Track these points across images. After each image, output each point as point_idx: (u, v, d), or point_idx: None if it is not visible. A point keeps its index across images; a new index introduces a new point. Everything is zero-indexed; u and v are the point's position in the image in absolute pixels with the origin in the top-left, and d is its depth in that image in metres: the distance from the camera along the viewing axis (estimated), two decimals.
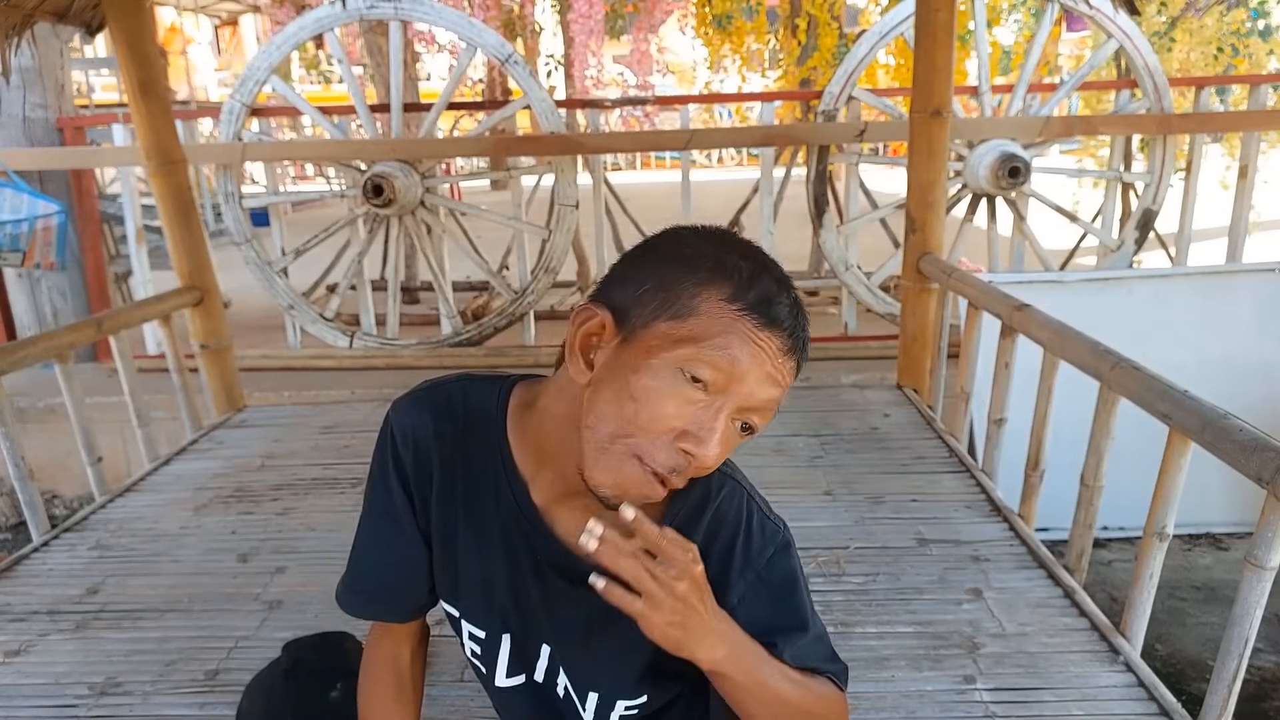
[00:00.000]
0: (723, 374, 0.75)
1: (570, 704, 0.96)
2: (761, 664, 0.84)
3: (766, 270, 0.79)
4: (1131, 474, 2.10)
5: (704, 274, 0.77)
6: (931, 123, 2.84)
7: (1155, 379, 1.60)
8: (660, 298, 0.77)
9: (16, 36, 2.50)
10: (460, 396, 0.92)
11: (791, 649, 0.86)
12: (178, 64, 10.99)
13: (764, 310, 0.76)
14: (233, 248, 4.09)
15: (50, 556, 2.15)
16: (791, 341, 0.78)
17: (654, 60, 9.60)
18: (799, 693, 0.85)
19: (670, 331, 0.76)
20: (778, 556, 0.88)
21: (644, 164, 15.82)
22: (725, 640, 0.80)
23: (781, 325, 0.77)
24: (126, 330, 2.68)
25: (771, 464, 2.55)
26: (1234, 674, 1.35)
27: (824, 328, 4.48)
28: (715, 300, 0.76)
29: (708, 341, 0.75)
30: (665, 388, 0.75)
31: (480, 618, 0.95)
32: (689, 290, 0.77)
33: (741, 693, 0.83)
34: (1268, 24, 7.21)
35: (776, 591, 0.88)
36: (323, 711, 1.21)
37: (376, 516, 0.95)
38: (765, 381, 0.77)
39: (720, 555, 0.86)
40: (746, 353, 0.75)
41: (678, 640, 0.78)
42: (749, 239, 0.85)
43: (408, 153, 3.93)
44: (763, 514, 0.90)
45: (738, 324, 0.75)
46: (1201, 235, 4.45)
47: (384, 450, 0.93)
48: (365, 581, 0.98)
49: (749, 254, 0.81)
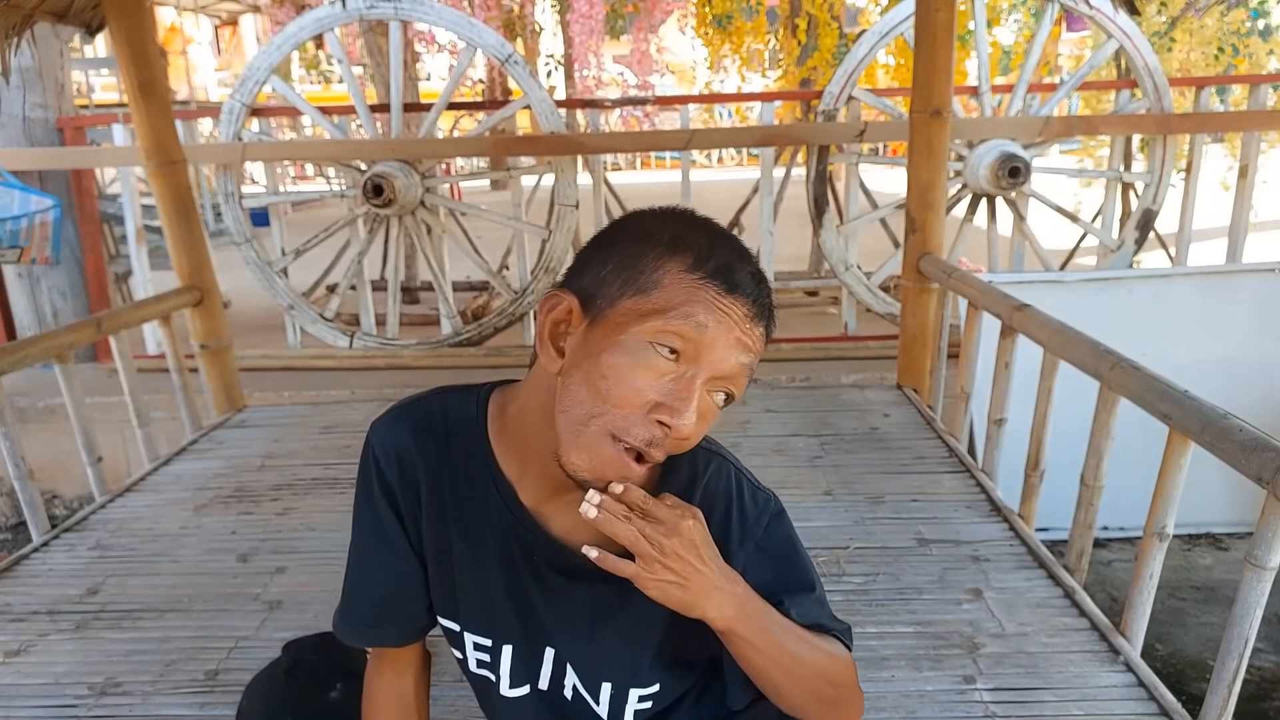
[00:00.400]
0: (691, 342, 0.76)
1: (580, 706, 0.95)
2: (774, 624, 0.85)
3: (724, 242, 0.81)
4: (1131, 474, 2.10)
5: (663, 248, 0.79)
6: (931, 123, 2.84)
7: (1155, 379, 1.60)
8: (623, 276, 0.79)
9: (16, 36, 2.50)
10: (439, 411, 0.92)
11: (799, 608, 0.88)
12: (178, 64, 11.00)
13: (726, 277, 0.77)
14: (233, 248, 4.09)
15: (50, 556, 2.15)
16: (756, 308, 0.79)
17: (654, 60, 9.61)
18: (812, 652, 0.86)
19: (636, 307, 0.77)
20: (773, 524, 0.90)
21: (644, 164, 15.82)
22: (733, 599, 0.82)
23: (744, 291, 0.78)
24: (126, 330, 2.68)
25: (771, 464, 2.55)
26: (1234, 674, 1.35)
27: (824, 328, 4.48)
28: (677, 271, 0.77)
29: (674, 311, 0.76)
30: (636, 362, 0.76)
31: (483, 628, 0.94)
32: (650, 265, 0.78)
33: (755, 653, 0.84)
34: (1268, 24, 7.21)
35: (777, 557, 0.90)
36: (323, 711, 1.21)
37: (366, 539, 0.95)
38: (735, 347, 0.78)
39: (718, 530, 0.87)
40: (713, 319, 0.76)
41: (682, 600, 0.79)
42: (705, 215, 0.86)
43: (408, 153, 3.93)
44: (753, 485, 0.92)
45: (701, 292, 0.77)
46: (1201, 235, 4.44)
47: (368, 472, 0.92)
48: (363, 607, 0.97)
49: (705, 228, 0.83)
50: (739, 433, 2.79)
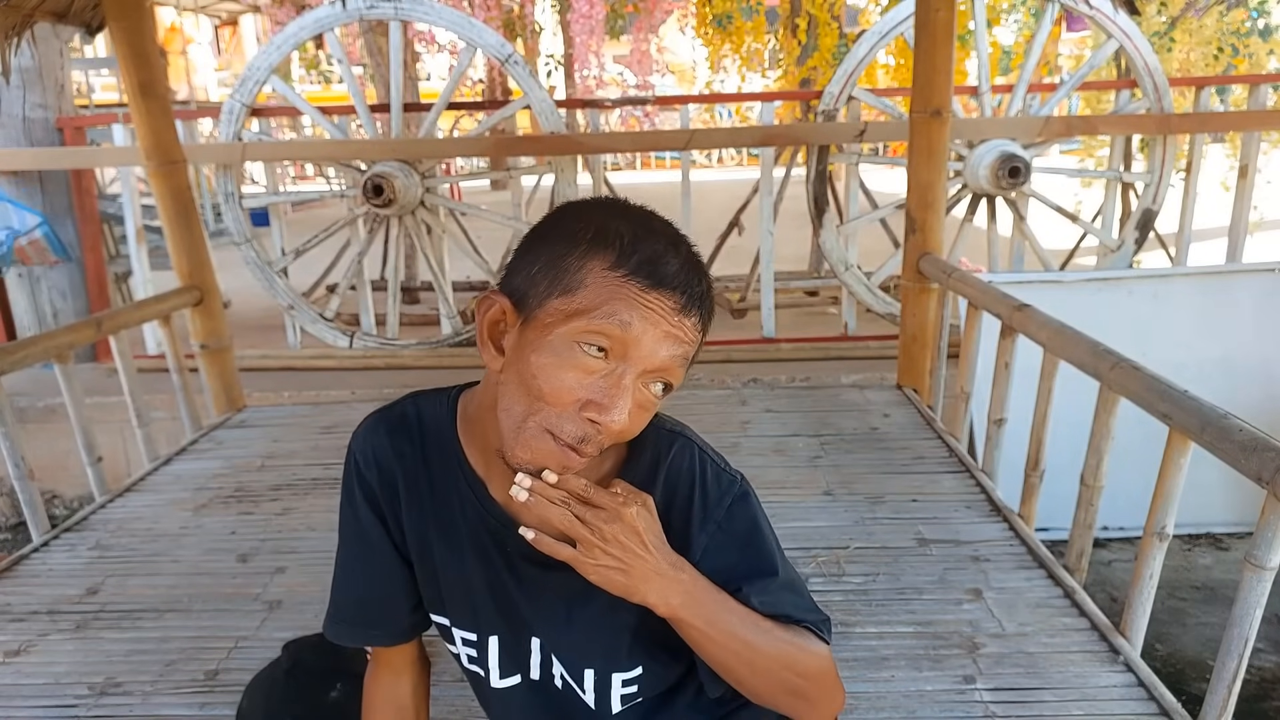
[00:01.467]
0: (617, 340, 0.77)
1: (571, 695, 0.96)
2: (725, 612, 0.85)
3: (652, 233, 0.80)
4: (1131, 474, 2.10)
5: (586, 245, 0.79)
6: (931, 123, 2.84)
7: (1155, 379, 1.60)
8: (550, 275, 0.79)
9: (16, 36, 2.50)
10: (414, 414, 0.94)
11: (761, 595, 0.87)
12: (178, 64, 10.99)
13: (648, 271, 0.77)
14: (233, 248, 4.09)
15: (50, 556, 2.15)
16: (685, 298, 0.79)
17: (654, 60, 9.61)
18: (770, 641, 0.86)
19: (562, 307, 0.78)
20: (736, 505, 0.90)
21: (644, 164, 15.83)
22: (677, 586, 0.82)
23: (670, 284, 0.78)
24: (126, 330, 2.68)
25: (771, 464, 2.55)
26: (1234, 674, 1.35)
27: (824, 328, 4.48)
28: (599, 270, 0.77)
29: (597, 311, 0.76)
30: (564, 361, 0.77)
31: (468, 622, 0.96)
32: (574, 264, 0.78)
33: (707, 642, 0.85)
34: (1267, 24, 7.21)
35: (740, 539, 0.89)
36: (323, 712, 1.21)
37: (350, 542, 0.97)
38: (665, 341, 0.78)
39: (680, 511, 0.88)
40: (637, 315, 0.77)
41: (623, 585, 0.81)
42: (641, 205, 0.86)
43: (408, 153, 3.93)
44: (717, 467, 0.91)
45: (623, 289, 0.77)
46: (1201, 235, 4.45)
47: (349, 477, 0.95)
48: (349, 607, 0.98)
49: (634, 218, 0.82)
50: (739, 433, 2.79)
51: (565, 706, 0.97)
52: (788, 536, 2.09)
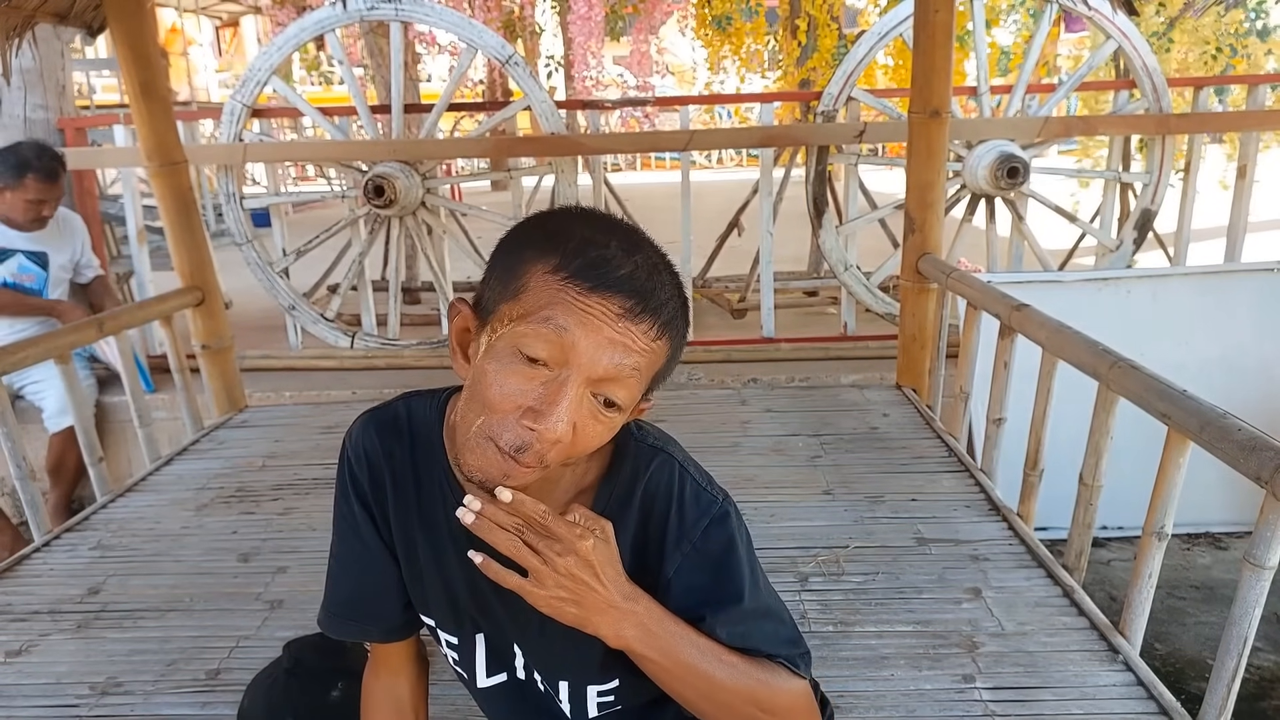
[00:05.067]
0: (554, 345, 0.74)
1: (550, 698, 0.97)
2: (683, 644, 0.82)
3: (607, 236, 0.77)
4: (1131, 473, 2.10)
5: (533, 249, 0.77)
6: (930, 123, 2.84)
7: (1154, 378, 1.60)
8: (502, 281, 0.79)
9: (17, 38, 2.51)
10: (405, 414, 0.94)
11: (727, 625, 0.85)
12: (179, 65, 10.97)
13: (590, 274, 0.74)
14: (234, 248, 4.09)
15: (51, 556, 2.15)
16: (635, 302, 0.75)
17: (654, 61, 9.62)
18: (735, 676, 0.84)
19: (508, 311, 0.77)
20: (713, 527, 0.87)
21: (644, 164, 15.84)
22: (630, 619, 0.80)
23: (615, 287, 0.74)
24: (128, 330, 2.69)
25: (771, 464, 2.55)
26: (1233, 673, 1.35)
27: (824, 328, 4.49)
28: (540, 273, 0.76)
29: (534, 315, 0.74)
30: (505, 367, 0.76)
31: (451, 625, 0.96)
32: (520, 268, 0.77)
33: (663, 673, 0.83)
34: (1265, 24, 7.22)
35: (712, 561, 0.87)
36: (324, 711, 1.22)
37: (344, 537, 0.97)
38: (607, 348, 0.74)
39: (656, 528, 0.87)
40: (574, 320, 0.74)
41: (575, 616, 0.79)
42: (612, 214, 0.84)
43: (409, 153, 3.94)
44: (697, 485, 0.89)
45: (562, 293, 0.74)
46: (1200, 235, 4.45)
47: (342, 473, 0.96)
48: (342, 601, 0.99)
49: (594, 223, 0.79)
50: (739, 433, 2.80)
51: (548, 705, 0.98)
52: (788, 536, 2.09)
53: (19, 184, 3.14)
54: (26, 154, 3.18)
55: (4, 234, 3.23)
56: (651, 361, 0.78)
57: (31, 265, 3.31)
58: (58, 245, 3.40)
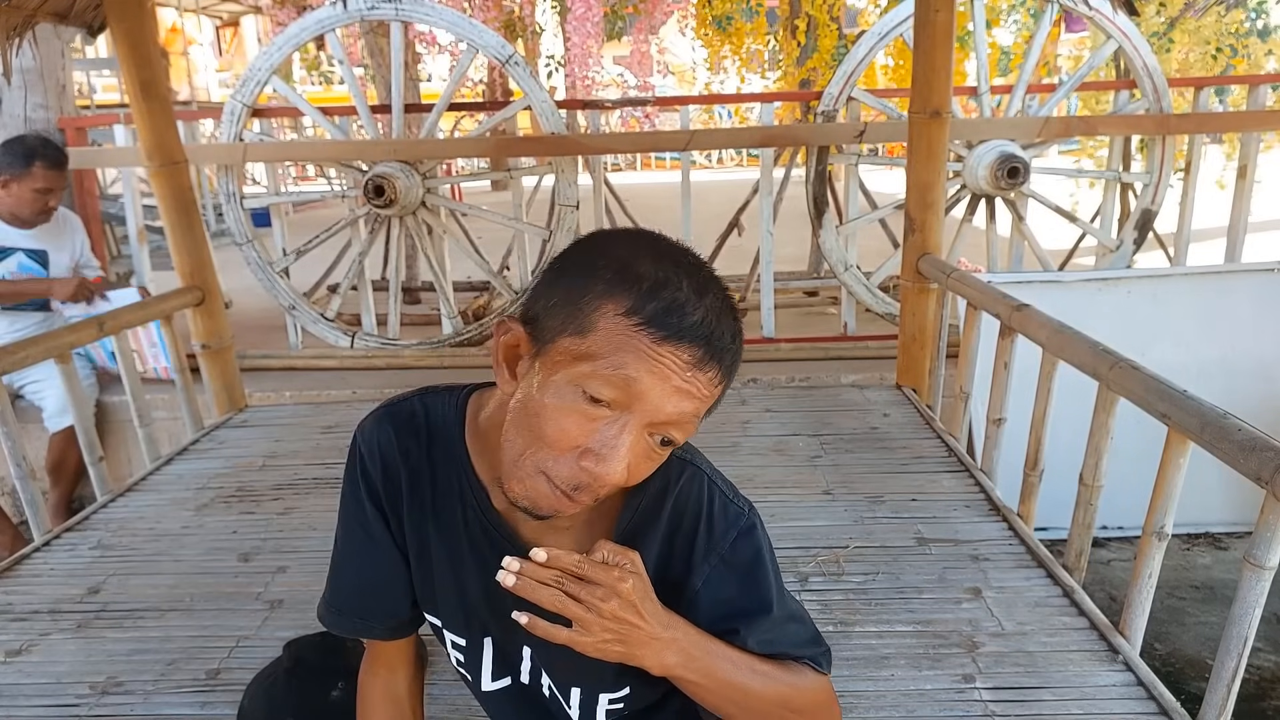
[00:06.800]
0: (621, 392, 0.73)
1: (557, 703, 0.96)
2: (720, 661, 0.83)
3: (680, 275, 0.75)
4: (1131, 474, 2.11)
5: (603, 285, 0.74)
6: (930, 123, 2.84)
7: (1154, 379, 1.60)
8: (565, 311, 0.76)
9: (18, 37, 2.51)
10: (421, 411, 0.93)
11: (757, 634, 0.86)
12: (179, 65, 10.97)
13: (664, 322, 0.72)
14: (234, 248, 4.09)
15: (51, 556, 2.15)
16: (704, 351, 0.74)
17: (654, 61, 9.62)
18: (768, 684, 0.85)
19: (572, 348, 0.74)
20: (741, 539, 0.88)
21: (644, 164, 15.83)
22: (673, 646, 0.80)
23: (687, 337, 0.73)
24: (128, 330, 2.69)
25: (771, 464, 2.55)
26: (1233, 673, 1.35)
27: (824, 328, 4.49)
28: (612, 315, 0.73)
29: (603, 360, 0.72)
30: (565, 405, 0.74)
31: (459, 626, 0.96)
32: (589, 304, 0.74)
33: (704, 692, 0.84)
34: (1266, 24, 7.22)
35: (740, 572, 0.88)
36: (324, 710, 1.22)
37: (351, 532, 0.96)
38: (673, 396, 0.74)
39: (684, 542, 0.87)
40: (644, 369, 0.72)
41: (620, 654, 0.79)
42: (676, 240, 0.81)
43: (409, 153, 3.94)
44: (725, 498, 0.89)
45: (633, 340, 0.72)
46: (1200, 235, 4.45)
47: (353, 468, 0.94)
48: (345, 596, 0.98)
49: (659, 258, 0.76)
50: (739, 433, 2.80)
51: (553, 712, 0.97)
52: (788, 536, 2.09)
53: (27, 172, 3.14)
54: (33, 143, 3.20)
55: (5, 232, 3.24)
56: (711, 404, 0.78)
57: (32, 264, 3.31)
58: (58, 244, 3.40)
